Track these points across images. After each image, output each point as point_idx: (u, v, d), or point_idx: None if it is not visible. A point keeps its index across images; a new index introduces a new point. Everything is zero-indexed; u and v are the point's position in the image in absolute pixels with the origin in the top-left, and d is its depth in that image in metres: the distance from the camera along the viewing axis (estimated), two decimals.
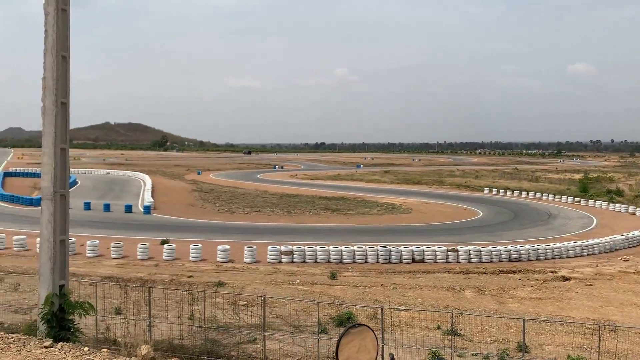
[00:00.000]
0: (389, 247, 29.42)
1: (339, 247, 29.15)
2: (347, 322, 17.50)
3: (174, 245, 28.85)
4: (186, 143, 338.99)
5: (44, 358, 5.55)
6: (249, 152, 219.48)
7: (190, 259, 27.90)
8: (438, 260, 29.23)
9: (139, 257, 27.95)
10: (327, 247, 29.04)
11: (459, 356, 14.73)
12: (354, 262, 28.54)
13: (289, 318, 18.09)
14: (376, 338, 1.51)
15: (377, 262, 28.68)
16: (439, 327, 17.38)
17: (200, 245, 28.80)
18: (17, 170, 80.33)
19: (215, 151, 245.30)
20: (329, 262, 28.34)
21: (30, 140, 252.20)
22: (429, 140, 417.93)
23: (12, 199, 52.17)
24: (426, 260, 29.20)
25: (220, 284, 22.09)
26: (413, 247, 29.78)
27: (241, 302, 19.30)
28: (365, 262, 28.67)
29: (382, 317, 14.19)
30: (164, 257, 27.91)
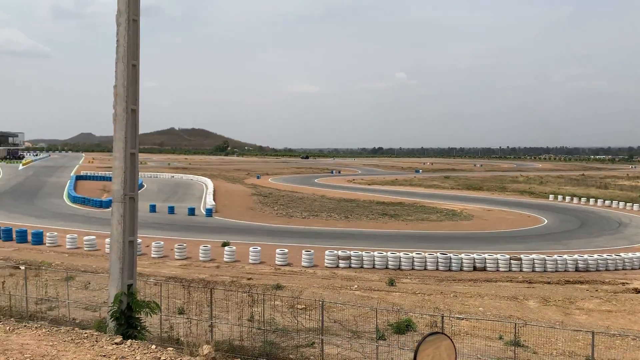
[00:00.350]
0: (449, 255, 28.81)
1: (398, 254, 28.81)
2: (405, 330, 17.27)
3: (234, 248, 29.48)
4: (246, 148, 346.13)
5: (114, 354, 5.78)
6: (307, 157, 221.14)
7: (250, 261, 28.38)
8: (500, 269, 28.35)
9: (201, 258, 28.73)
10: (385, 253, 28.77)
11: None
12: (412, 269, 28.14)
13: (346, 323, 18.04)
14: (454, 347, 1.46)
15: (437, 269, 28.15)
16: (501, 338, 16.81)
17: (259, 248, 29.25)
18: (88, 174, 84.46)
19: (274, 156, 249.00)
20: (386, 268, 28.08)
21: (100, 145, 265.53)
22: (491, 145, 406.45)
23: (83, 201, 54.97)
24: (488, 269, 28.37)
25: (278, 287, 22.33)
26: (474, 255, 29.03)
27: (299, 306, 19.43)
28: (425, 269, 28.20)
29: (442, 325, 13.90)
30: (225, 259, 28.56)
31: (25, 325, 6.81)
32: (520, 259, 28.58)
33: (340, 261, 28.21)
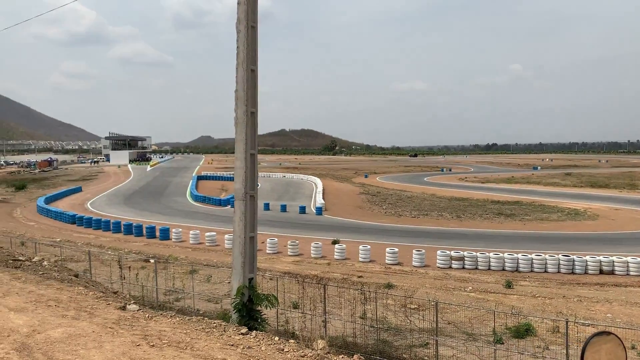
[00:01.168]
0: (572, 257, 26.91)
1: (515, 255, 27.44)
2: (524, 334, 16.45)
3: (344, 246, 29.86)
4: (354, 147, 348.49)
5: (241, 344, 6.12)
6: (415, 155, 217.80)
7: (360, 259, 28.58)
8: (631, 273, 25.96)
9: (312, 255, 29.47)
10: (501, 254, 27.54)
11: None
12: (531, 271, 26.67)
13: (461, 325, 17.54)
14: (624, 348, 1.37)
15: (558, 272, 26.43)
16: (633, 347, 15.39)
17: (369, 246, 29.36)
18: (208, 174, 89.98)
19: (382, 154, 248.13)
20: (503, 270, 26.88)
21: (218, 147, 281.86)
22: (618, 139, 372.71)
23: (204, 200, 58.75)
24: (616, 273, 26.11)
25: (389, 286, 22.26)
26: (601, 258, 26.84)
27: (412, 306, 19.22)
28: (545, 271, 26.60)
29: (566, 331, 13.01)
30: (335, 257, 29.03)
31: (161, 314, 7.43)
32: None
33: (453, 262, 27.47)
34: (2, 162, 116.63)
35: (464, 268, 27.10)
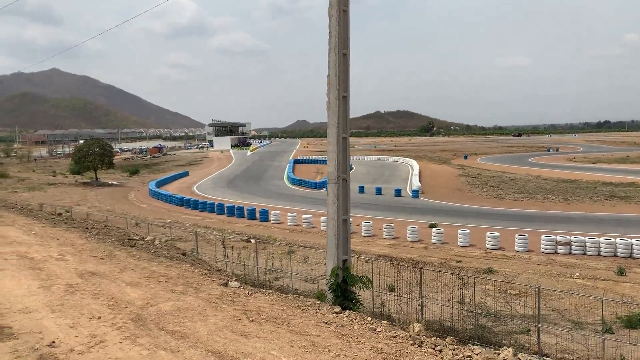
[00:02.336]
0: None
1: (629, 240, 25.47)
2: (638, 324, 15.34)
3: (442, 229, 29.33)
4: (452, 127, 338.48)
5: (335, 322, 6.32)
6: (519, 135, 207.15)
7: (458, 243, 27.96)
8: None
9: (408, 238, 29.26)
10: (613, 239, 25.68)
11: None
12: None
13: (566, 313, 16.69)
14: None
15: None
16: None
17: (468, 230, 28.61)
18: (304, 158, 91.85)
19: (482, 134, 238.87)
20: (615, 256, 25.06)
21: (313, 131, 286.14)
22: None
23: (300, 183, 60.22)
24: None
25: (489, 271, 21.63)
26: None
27: (512, 291, 18.57)
28: None
29: None
30: (432, 241, 28.61)
31: (260, 291, 7.84)
32: None
33: (558, 247, 26.05)
34: (118, 150, 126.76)
35: (570, 253, 25.61)
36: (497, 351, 6.14)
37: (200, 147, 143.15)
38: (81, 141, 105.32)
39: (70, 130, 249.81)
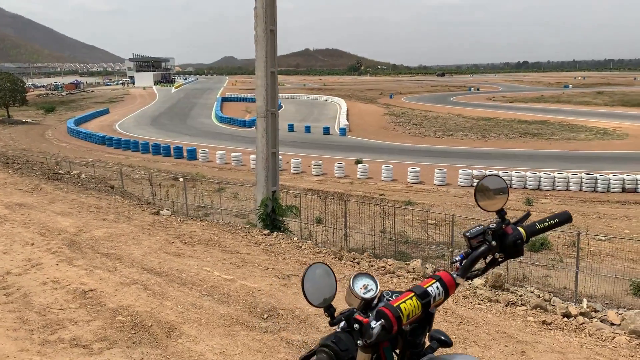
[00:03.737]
0: (595, 175, 27.04)
1: (537, 173, 27.70)
2: (540, 248, 17.09)
3: (367, 165, 30.43)
4: (379, 67, 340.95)
5: (264, 242, 6.84)
6: (443, 74, 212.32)
7: (382, 178, 29.20)
8: None
9: (335, 174, 30.19)
10: (523, 173, 27.83)
11: None
12: (553, 189, 26.99)
13: None
14: (506, 184, 1.81)
15: (580, 190, 26.68)
16: None
17: (391, 166, 29.86)
18: (232, 95, 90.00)
19: (408, 74, 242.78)
20: (524, 188, 27.24)
21: (241, 68, 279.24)
22: None
23: (229, 121, 59.49)
24: (639, 190, 26.24)
25: (410, 203, 22.92)
26: (624, 176, 26.90)
27: (430, 221, 19.92)
28: (567, 189, 26.89)
29: (577, 243, 13.59)
30: (358, 176, 29.71)
31: (191, 218, 8.19)
32: None
33: (474, 180, 27.87)
34: (30, 85, 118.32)
35: None
36: (407, 262, 6.93)
37: (122, 83, 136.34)
38: None
39: None
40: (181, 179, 25.78)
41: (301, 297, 4.52)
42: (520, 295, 5.89)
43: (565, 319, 5.18)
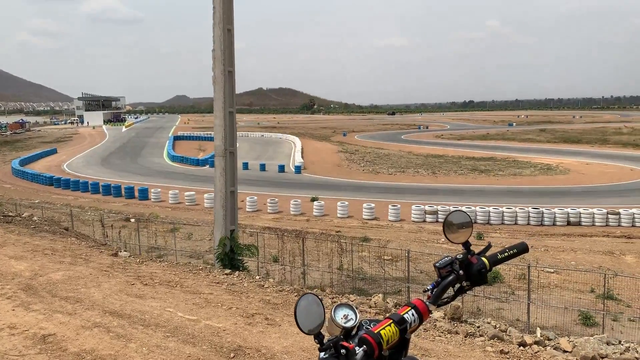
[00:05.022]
0: (541, 209, 28.23)
1: (487, 208, 28.66)
2: (493, 281, 17.56)
3: (322, 202, 30.71)
4: (332, 105, 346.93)
5: (226, 281, 6.85)
6: (393, 113, 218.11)
7: (338, 215, 29.49)
8: (596, 224, 27.40)
9: (292, 212, 30.27)
10: (473, 208, 28.73)
11: (612, 320, 14.15)
12: (502, 223, 27.95)
13: (433, 274, 18.57)
14: (470, 218, 2.04)
15: (528, 224, 27.76)
16: (592, 291, 16.66)
17: (346, 203, 30.24)
18: (185, 134, 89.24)
19: (360, 113, 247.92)
20: (475, 222, 28.00)
21: (194, 107, 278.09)
22: (592, 95, 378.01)
23: (181, 160, 58.84)
24: (583, 224, 27.52)
25: (366, 239, 23.20)
26: (568, 209, 28.22)
27: (386, 257, 20.21)
28: (515, 223, 27.91)
29: (528, 275, 14.14)
30: (314, 213, 29.89)
31: (150, 259, 8.10)
32: (618, 214, 27.44)
33: (427, 215, 28.57)
34: None
35: (437, 222, 28.18)
36: (369, 298, 7.07)
37: (71, 122, 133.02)
38: None
39: None
40: (133, 220, 25.25)
41: (266, 336, 4.60)
42: (478, 327, 6.13)
43: (522, 347, 5.43)
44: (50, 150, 68.62)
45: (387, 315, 1.70)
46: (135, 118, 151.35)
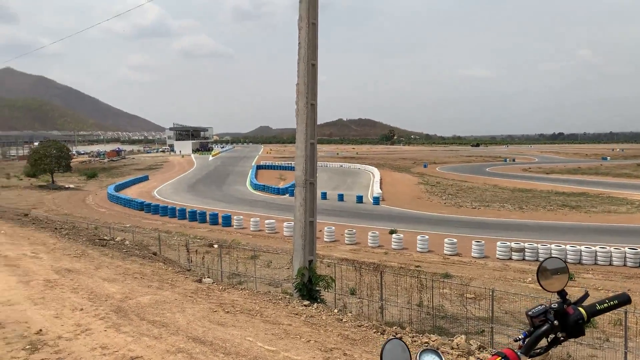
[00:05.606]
0: (639, 250, 26.16)
1: (578, 247, 26.96)
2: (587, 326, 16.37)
3: (401, 235, 30.23)
4: (412, 136, 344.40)
5: (305, 313, 6.88)
6: (477, 145, 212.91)
7: (417, 249, 28.88)
8: None
9: (369, 244, 30.04)
10: (563, 246, 27.13)
11: None
12: (595, 263, 26.13)
13: (518, 315, 17.67)
14: (566, 265, 1.93)
15: (624, 265, 25.77)
16: None
17: (427, 237, 29.57)
18: (267, 163, 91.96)
19: (442, 144, 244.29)
20: (565, 262, 26.45)
21: (276, 137, 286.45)
22: None
23: (263, 188, 60.51)
24: None
25: (447, 276, 22.53)
26: None
27: (469, 295, 19.48)
28: (610, 264, 26.00)
29: (625, 322, 13.05)
30: (393, 246, 29.47)
31: (233, 287, 8.32)
32: None
33: (513, 253, 27.31)
34: (74, 152, 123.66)
35: (524, 259, 26.89)
36: (451, 338, 6.81)
37: (162, 151, 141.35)
38: (36, 143, 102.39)
39: (25, 131, 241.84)
40: (216, 246, 26.12)
41: None
42: None
43: None
44: (142, 177, 73.07)
45: None
46: (222, 147, 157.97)
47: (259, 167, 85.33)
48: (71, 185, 66.69)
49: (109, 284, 7.64)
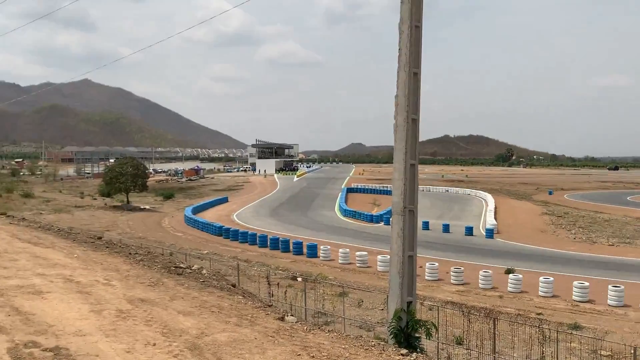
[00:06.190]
0: None
1: None
2: None
3: (520, 276, 29.15)
4: (535, 157, 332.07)
5: None
6: (616, 168, 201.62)
7: (540, 293, 27.70)
8: None
9: (480, 285, 29.18)
10: None
11: None
12: None
13: None
14: None
15: None
16: None
17: (552, 278, 28.34)
18: (358, 186, 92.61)
19: (572, 166, 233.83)
20: None
21: (369, 156, 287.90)
22: None
23: (353, 215, 60.83)
24: None
25: (576, 327, 21.44)
26: None
27: (603, 352, 18.33)
28: None
29: None
30: (509, 289, 28.46)
31: (319, 328, 8.41)
32: None
33: None
34: (152, 170, 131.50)
35: None
36: None
37: (244, 170, 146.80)
38: (112, 160, 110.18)
39: (101, 147, 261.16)
40: (300, 279, 26.52)
41: None
42: None
43: None
44: (221, 198, 76.15)
45: None
46: (308, 167, 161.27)
47: (349, 190, 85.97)
48: (146, 206, 70.85)
49: (184, 318, 7.99)
